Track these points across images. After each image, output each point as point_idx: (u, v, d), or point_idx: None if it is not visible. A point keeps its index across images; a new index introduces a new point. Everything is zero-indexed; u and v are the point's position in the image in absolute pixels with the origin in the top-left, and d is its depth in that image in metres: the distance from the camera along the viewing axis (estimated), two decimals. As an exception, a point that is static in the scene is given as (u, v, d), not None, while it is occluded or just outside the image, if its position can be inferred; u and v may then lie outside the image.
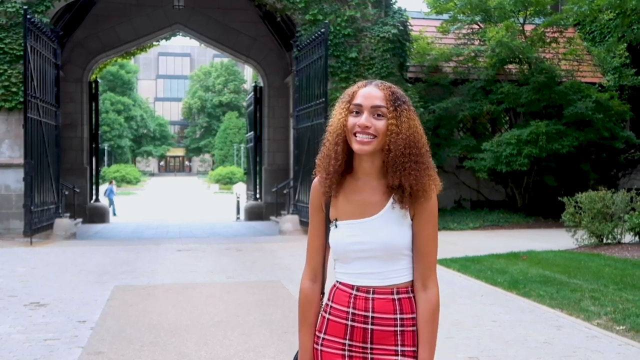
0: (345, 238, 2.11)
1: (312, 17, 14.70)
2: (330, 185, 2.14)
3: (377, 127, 2.05)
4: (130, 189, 54.02)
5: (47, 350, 5.33)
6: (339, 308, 2.12)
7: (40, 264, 9.96)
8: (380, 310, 2.08)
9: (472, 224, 15.47)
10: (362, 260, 2.11)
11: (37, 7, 13.73)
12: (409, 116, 2.09)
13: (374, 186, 2.13)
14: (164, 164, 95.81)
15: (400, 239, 2.09)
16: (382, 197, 2.11)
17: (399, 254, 2.10)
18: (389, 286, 2.10)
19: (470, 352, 5.22)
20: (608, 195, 11.43)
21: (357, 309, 2.09)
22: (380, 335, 2.08)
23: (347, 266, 2.14)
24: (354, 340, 2.10)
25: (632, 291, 7.44)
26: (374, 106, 2.07)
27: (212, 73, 79.20)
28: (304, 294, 2.24)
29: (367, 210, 2.11)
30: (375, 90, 2.09)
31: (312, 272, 2.25)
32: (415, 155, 2.06)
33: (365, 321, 2.08)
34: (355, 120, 2.08)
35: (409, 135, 2.06)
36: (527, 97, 16.14)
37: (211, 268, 9.73)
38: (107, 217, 19.78)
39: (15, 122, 13.50)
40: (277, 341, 5.62)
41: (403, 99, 2.10)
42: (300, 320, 2.23)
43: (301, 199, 14.58)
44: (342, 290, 2.14)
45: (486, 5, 16.74)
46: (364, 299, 2.09)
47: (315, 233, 2.24)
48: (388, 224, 2.09)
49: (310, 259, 2.26)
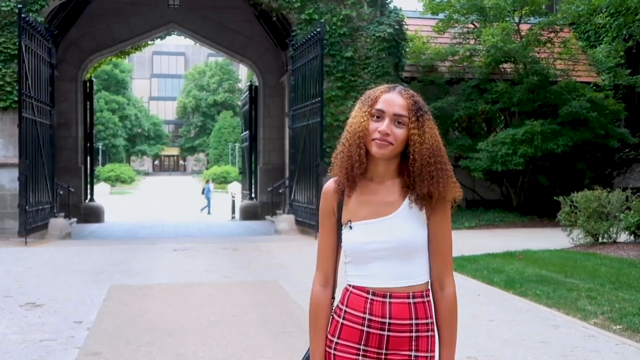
0: (362, 238, 2.12)
1: (308, 16, 14.68)
2: (352, 187, 2.16)
3: (397, 135, 2.07)
4: (124, 188, 53.95)
5: (43, 351, 5.30)
6: (355, 313, 2.12)
7: (35, 264, 9.92)
8: (397, 316, 2.09)
9: (467, 223, 15.49)
10: (379, 260, 2.11)
11: (31, 6, 13.68)
12: (431, 125, 2.12)
13: (389, 186, 2.15)
14: (159, 163, 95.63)
15: (417, 237, 2.11)
16: (398, 197, 2.13)
17: (415, 252, 2.12)
18: (405, 288, 2.11)
19: (467, 352, 5.21)
20: (603, 194, 11.45)
21: (374, 314, 2.09)
22: (395, 342, 2.09)
23: (362, 268, 2.14)
24: (369, 346, 2.10)
25: (628, 290, 7.46)
26: (396, 114, 2.08)
27: (206, 72, 79.09)
28: (316, 300, 2.22)
29: (384, 210, 2.12)
30: (398, 98, 2.11)
31: (323, 277, 2.23)
32: (440, 163, 2.10)
33: (382, 328, 2.09)
34: (376, 125, 2.09)
35: (432, 144, 2.10)
36: (520, 96, 16.18)
37: (207, 267, 9.71)
38: (101, 216, 19.73)
39: (10, 121, 13.45)
40: (274, 341, 5.61)
41: (424, 109, 2.13)
42: (312, 325, 2.21)
43: (297, 198, 14.56)
44: (356, 294, 2.13)
45: (482, 5, 16.76)
46: (380, 304, 2.09)
47: (326, 237, 2.22)
48: (405, 222, 2.11)
49: (321, 264, 2.24)
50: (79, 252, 11.32)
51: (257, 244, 12.63)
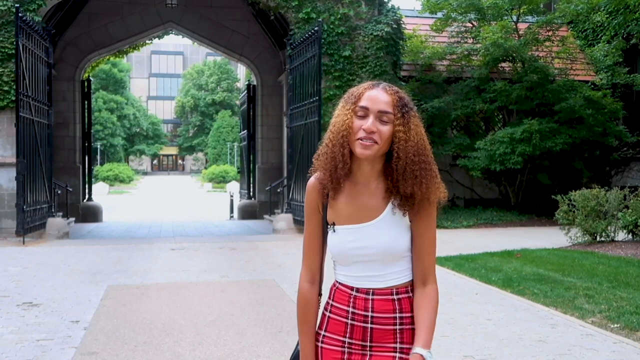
0: (345, 243, 2.10)
1: (306, 15, 14.66)
2: (336, 189, 2.11)
3: (382, 133, 2.02)
4: (123, 188, 53.86)
5: (40, 351, 5.29)
6: (339, 307, 2.13)
7: (32, 264, 9.90)
8: (380, 310, 2.08)
9: (465, 222, 15.49)
10: (362, 263, 2.10)
11: (28, 5, 13.64)
12: (416, 122, 2.07)
13: (373, 190, 2.10)
14: (157, 162, 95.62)
15: (400, 243, 2.09)
16: (381, 201, 2.09)
17: (399, 256, 2.10)
18: (388, 287, 2.10)
19: (465, 351, 5.21)
20: (601, 193, 11.45)
21: (357, 308, 2.09)
22: (379, 334, 2.09)
23: (346, 268, 2.14)
24: (354, 339, 2.10)
25: (626, 289, 7.46)
26: (380, 111, 2.03)
27: (205, 71, 79.06)
28: (303, 296, 2.22)
29: (367, 215, 2.09)
30: (383, 94, 2.05)
31: (309, 274, 2.23)
32: (424, 162, 2.05)
33: (365, 320, 2.09)
34: (360, 123, 2.04)
35: (418, 142, 2.05)
36: (519, 94, 16.17)
37: (205, 267, 9.69)
38: (99, 216, 19.69)
39: (7, 120, 13.42)
40: (272, 340, 5.60)
41: (410, 105, 2.07)
42: (300, 322, 2.22)
43: (295, 197, 14.55)
44: (341, 290, 2.15)
45: (480, 4, 16.75)
46: (363, 299, 2.09)
47: (311, 235, 2.21)
48: (388, 228, 2.08)
49: (307, 261, 2.23)
50: (76, 252, 11.30)
51: (254, 243, 12.62)
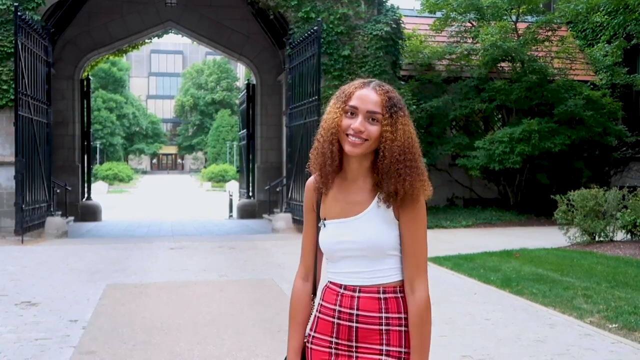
0: (332, 238, 2.13)
1: (305, 14, 14.66)
2: (326, 184, 2.15)
3: (370, 132, 2.05)
4: (122, 187, 53.85)
5: (38, 350, 5.29)
6: (327, 306, 2.14)
7: (31, 263, 9.90)
8: (365, 308, 2.08)
9: (464, 222, 15.49)
10: (349, 259, 2.11)
11: (28, 4, 13.63)
12: (404, 122, 2.08)
13: (360, 185, 2.13)
14: (157, 161, 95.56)
15: (385, 239, 2.09)
16: (367, 196, 2.11)
17: (385, 253, 2.10)
18: (375, 285, 2.10)
19: (463, 351, 5.22)
20: (600, 193, 11.45)
21: (342, 306, 2.10)
22: (364, 334, 2.08)
23: (335, 265, 2.16)
24: (340, 338, 2.11)
25: (625, 289, 7.46)
26: (369, 111, 2.05)
27: (204, 71, 79.00)
28: (295, 293, 2.27)
29: (353, 209, 2.11)
30: (372, 94, 2.07)
31: (304, 272, 2.27)
32: (409, 161, 2.06)
33: (350, 319, 2.09)
34: (349, 122, 2.07)
35: (404, 142, 2.06)
36: (518, 94, 16.18)
37: (204, 266, 9.69)
38: (99, 215, 19.69)
39: (6, 119, 13.41)
40: (271, 340, 5.60)
41: (399, 105, 2.09)
42: (290, 318, 2.27)
43: (294, 197, 14.55)
44: (331, 289, 2.16)
45: (479, 4, 16.74)
46: (349, 297, 2.10)
47: (308, 232, 2.26)
48: (373, 223, 2.09)
49: (303, 258, 2.28)
50: (75, 251, 11.30)
51: (253, 243, 12.61)
